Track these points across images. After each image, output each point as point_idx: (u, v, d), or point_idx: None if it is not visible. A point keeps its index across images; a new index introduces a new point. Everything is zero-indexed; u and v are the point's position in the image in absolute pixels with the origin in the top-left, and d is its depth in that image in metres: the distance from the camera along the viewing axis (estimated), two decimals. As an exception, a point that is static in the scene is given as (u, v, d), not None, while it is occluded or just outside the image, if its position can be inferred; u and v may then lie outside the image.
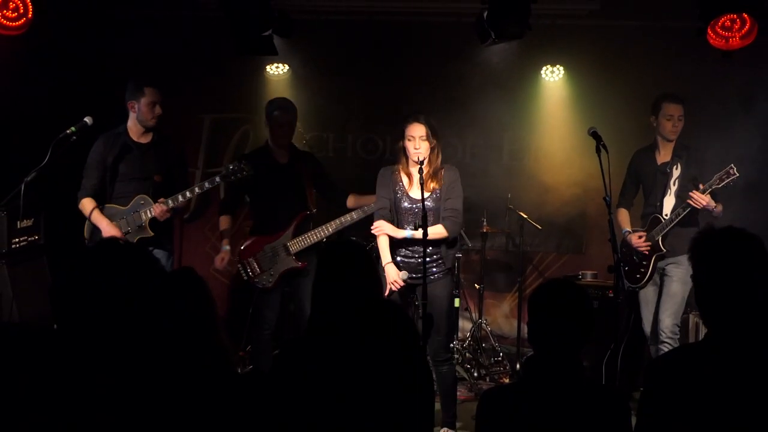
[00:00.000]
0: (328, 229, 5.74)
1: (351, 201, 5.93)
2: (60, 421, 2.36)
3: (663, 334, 5.55)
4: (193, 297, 3.04)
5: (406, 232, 5.08)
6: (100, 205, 5.57)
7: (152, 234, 5.55)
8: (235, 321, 6.76)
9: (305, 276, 5.68)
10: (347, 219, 5.73)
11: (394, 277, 5.08)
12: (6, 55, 5.79)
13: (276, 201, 5.84)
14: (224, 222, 5.97)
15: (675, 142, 5.72)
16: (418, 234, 4.87)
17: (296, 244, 5.77)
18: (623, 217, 5.93)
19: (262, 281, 5.81)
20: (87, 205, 5.59)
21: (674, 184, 5.67)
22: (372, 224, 5.27)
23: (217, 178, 5.56)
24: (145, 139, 5.65)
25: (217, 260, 5.95)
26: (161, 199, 5.51)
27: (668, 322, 5.56)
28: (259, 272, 5.80)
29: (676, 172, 5.67)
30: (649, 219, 5.76)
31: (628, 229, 5.83)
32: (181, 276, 3.17)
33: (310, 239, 5.76)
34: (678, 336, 5.62)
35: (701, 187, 5.41)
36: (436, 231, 5.01)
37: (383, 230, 5.15)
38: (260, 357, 5.86)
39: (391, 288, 5.08)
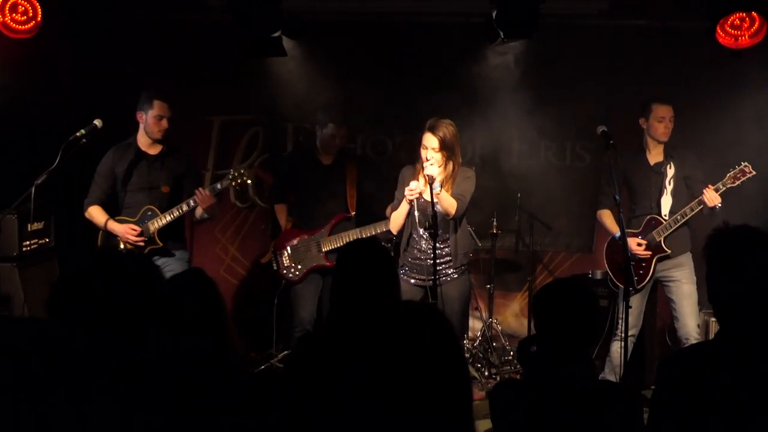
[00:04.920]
0: (361, 233, 5.75)
1: (389, 210, 5.95)
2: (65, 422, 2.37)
3: (691, 336, 5.53)
4: (202, 297, 3.06)
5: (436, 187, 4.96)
6: (112, 216, 5.62)
7: (161, 244, 5.58)
8: (248, 321, 6.76)
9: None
10: (382, 227, 5.69)
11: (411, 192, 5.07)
12: (15, 58, 5.81)
13: (315, 200, 5.97)
14: (280, 211, 6.24)
15: (664, 143, 5.68)
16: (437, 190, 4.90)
17: (329, 243, 5.86)
18: (609, 219, 5.81)
19: (288, 273, 5.91)
20: (94, 213, 5.65)
21: (669, 184, 5.64)
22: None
23: (219, 185, 5.57)
24: (153, 150, 5.67)
25: None
26: (160, 216, 5.55)
27: (693, 324, 5.57)
28: (287, 264, 5.88)
29: (671, 172, 5.64)
30: (644, 220, 5.69)
31: (618, 233, 5.54)
32: (191, 277, 3.19)
33: (342, 240, 5.81)
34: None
35: (710, 186, 5.36)
36: (449, 201, 4.99)
37: (414, 194, 5.09)
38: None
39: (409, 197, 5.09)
